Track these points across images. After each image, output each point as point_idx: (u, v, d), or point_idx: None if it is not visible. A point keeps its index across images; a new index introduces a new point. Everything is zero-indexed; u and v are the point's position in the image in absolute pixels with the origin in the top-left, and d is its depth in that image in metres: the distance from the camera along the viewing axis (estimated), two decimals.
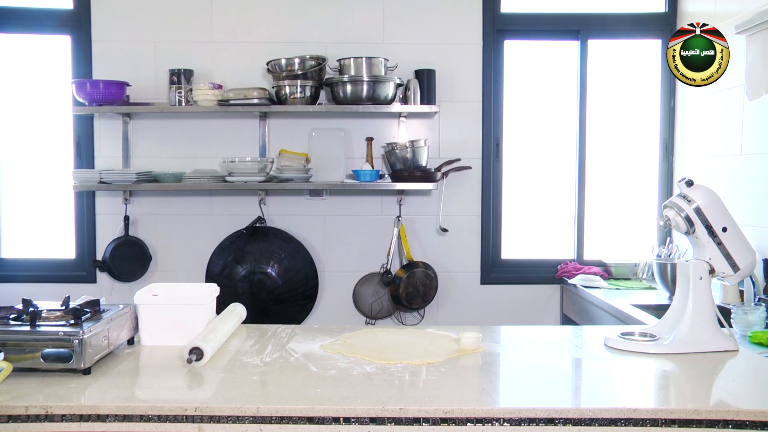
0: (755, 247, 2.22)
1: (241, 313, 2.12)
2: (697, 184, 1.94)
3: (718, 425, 1.41)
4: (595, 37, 3.70)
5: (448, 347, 1.87)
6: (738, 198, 2.89)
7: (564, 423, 1.40)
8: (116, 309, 1.81)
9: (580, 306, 3.41)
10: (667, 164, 3.71)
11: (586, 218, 3.74)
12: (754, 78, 2.72)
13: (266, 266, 3.58)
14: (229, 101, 3.34)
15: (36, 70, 3.70)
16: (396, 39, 3.58)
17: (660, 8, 3.69)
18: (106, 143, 3.60)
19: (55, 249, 3.73)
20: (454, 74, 3.59)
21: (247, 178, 3.35)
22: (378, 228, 3.64)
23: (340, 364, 1.70)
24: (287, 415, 1.41)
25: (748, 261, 1.92)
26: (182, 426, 1.41)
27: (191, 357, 1.66)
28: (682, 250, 3.27)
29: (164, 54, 3.57)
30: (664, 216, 1.97)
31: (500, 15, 3.65)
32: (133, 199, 3.61)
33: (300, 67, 3.37)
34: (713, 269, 1.92)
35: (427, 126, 3.62)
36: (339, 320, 3.64)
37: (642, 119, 3.76)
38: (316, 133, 3.59)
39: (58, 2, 3.63)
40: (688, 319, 1.88)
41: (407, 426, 1.40)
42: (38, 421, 1.41)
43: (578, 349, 1.93)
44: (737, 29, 2.76)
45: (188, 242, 3.63)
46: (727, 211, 1.92)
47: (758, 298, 2.56)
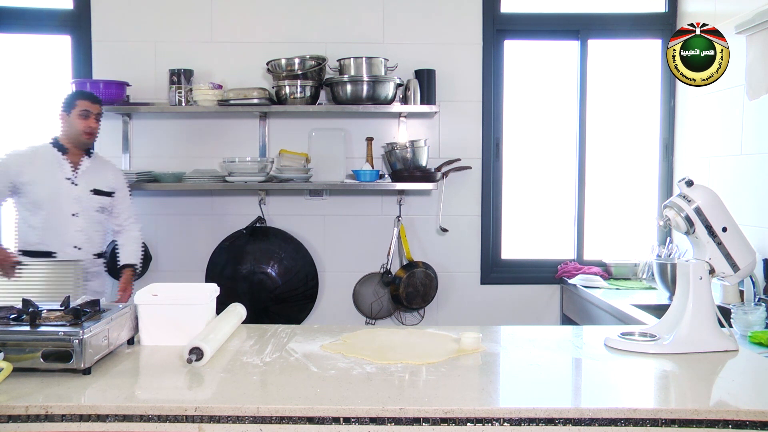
0: (755, 247, 2.22)
1: (241, 313, 2.12)
2: (697, 184, 1.94)
3: (718, 425, 1.40)
4: (595, 37, 3.70)
5: (448, 347, 1.87)
6: (738, 198, 2.89)
7: (564, 423, 1.40)
8: (116, 309, 1.81)
9: (580, 306, 3.41)
10: (667, 164, 3.71)
11: (586, 218, 3.74)
12: (754, 78, 2.72)
13: (266, 266, 3.58)
14: (229, 101, 3.34)
15: (36, 70, 3.70)
16: (396, 39, 3.58)
17: (660, 8, 3.69)
18: (106, 143, 3.59)
19: None
20: (454, 74, 3.59)
21: (247, 178, 3.35)
22: (378, 228, 3.64)
23: (340, 364, 1.70)
24: (287, 415, 1.41)
25: (748, 261, 1.92)
26: (182, 426, 1.41)
27: (191, 357, 1.66)
28: (682, 250, 3.27)
29: (164, 54, 3.57)
30: (664, 216, 1.97)
31: (500, 15, 3.65)
32: (133, 199, 3.59)
33: (300, 67, 3.37)
34: (713, 269, 1.91)
35: (427, 126, 3.62)
36: (339, 320, 3.64)
37: (642, 119, 3.76)
38: (316, 133, 3.59)
39: (58, 2, 3.63)
40: (688, 319, 1.88)
41: (407, 426, 1.40)
42: (38, 421, 1.41)
43: (578, 349, 1.93)
44: (737, 29, 2.76)
45: (188, 242, 3.63)
46: (727, 211, 1.92)
47: (758, 298, 2.56)
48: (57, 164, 2.89)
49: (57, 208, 2.85)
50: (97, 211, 2.96)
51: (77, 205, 2.89)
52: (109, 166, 3.09)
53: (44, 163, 2.87)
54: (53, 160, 2.89)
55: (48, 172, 2.87)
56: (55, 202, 2.85)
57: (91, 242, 2.95)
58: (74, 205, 2.88)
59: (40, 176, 2.85)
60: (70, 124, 2.89)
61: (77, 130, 2.87)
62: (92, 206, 2.93)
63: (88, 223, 2.91)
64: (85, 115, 2.86)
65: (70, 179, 2.89)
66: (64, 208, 2.86)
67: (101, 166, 3.03)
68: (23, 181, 2.83)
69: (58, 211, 2.85)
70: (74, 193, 2.89)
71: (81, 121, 2.86)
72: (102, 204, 2.97)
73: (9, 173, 2.83)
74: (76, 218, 2.88)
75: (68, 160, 2.91)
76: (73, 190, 2.89)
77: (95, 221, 2.96)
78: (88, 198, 2.92)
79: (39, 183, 2.84)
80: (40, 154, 2.90)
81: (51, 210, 2.84)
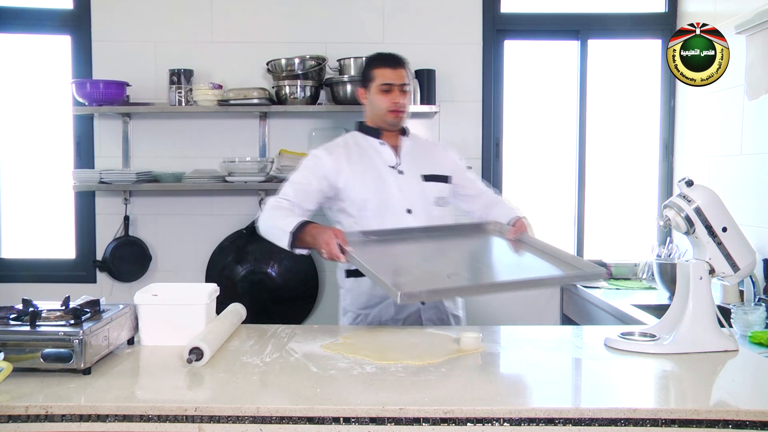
0: (755, 247, 2.22)
1: (241, 313, 2.12)
2: (697, 184, 1.94)
3: (718, 425, 1.40)
4: (595, 37, 3.70)
5: (448, 347, 1.87)
6: (738, 198, 2.89)
7: (564, 423, 1.40)
8: (116, 309, 1.81)
9: (580, 306, 3.41)
10: (667, 164, 3.71)
11: (586, 218, 3.74)
12: (754, 78, 2.72)
13: (266, 266, 3.58)
14: (229, 101, 3.34)
15: (36, 70, 3.71)
16: (396, 39, 3.58)
17: (660, 8, 3.69)
18: (106, 143, 3.60)
19: (55, 249, 3.73)
20: (454, 74, 3.59)
21: (247, 178, 3.36)
22: None
23: (340, 364, 1.70)
24: (287, 415, 1.41)
25: (748, 261, 1.92)
26: (182, 426, 1.41)
27: (191, 357, 1.66)
28: (682, 250, 3.27)
29: (164, 54, 3.57)
30: (664, 216, 1.97)
31: (500, 15, 3.65)
32: (133, 199, 3.61)
33: (300, 67, 3.37)
34: (713, 269, 1.91)
35: (427, 126, 3.62)
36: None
37: (642, 119, 3.76)
38: (316, 133, 3.59)
39: (58, 2, 3.63)
40: (688, 319, 1.87)
41: (407, 426, 1.40)
42: (38, 421, 1.41)
43: (578, 349, 1.93)
44: (737, 29, 2.76)
45: (188, 242, 3.63)
46: (727, 211, 1.92)
47: (758, 298, 2.56)
48: (373, 151, 2.36)
49: (385, 205, 2.30)
50: (435, 203, 2.37)
51: (409, 199, 2.32)
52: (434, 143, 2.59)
53: (360, 154, 2.35)
54: (368, 147, 2.37)
55: (367, 163, 2.34)
56: (383, 198, 2.31)
57: None
58: (405, 198, 2.32)
59: (360, 170, 2.32)
60: (371, 103, 2.37)
61: (380, 109, 2.33)
62: (428, 198, 2.35)
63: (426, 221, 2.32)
64: (386, 89, 2.31)
65: (394, 167, 2.35)
66: (394, 205, 2.31)
67: (425, 145, 2.51)
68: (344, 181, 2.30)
69: (386, 209, 2.30)
70: (403, 184, 2.33)
71: (382, 97, 2.32)
72: (440, 192, 2.38)
73: (328, 177, 2.30)
74: (409, 216, 2.31)
75: (386, 144, 2.37)
76: (401, 181, 2.33)
77: (435, 219, 2.35)
78: (420, 187, 2.34)
79: (360, 178, 2.30)
80: (350, 144, 2.39)
81: (377, 209, 2.29)
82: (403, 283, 1.85)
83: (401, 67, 2.35)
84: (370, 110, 2.38)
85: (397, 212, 2.30)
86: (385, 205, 2.30)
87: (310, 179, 2.29)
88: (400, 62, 2.37)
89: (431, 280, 1.93)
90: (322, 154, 2.34)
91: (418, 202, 2.32)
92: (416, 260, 2.11)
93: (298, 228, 2.10)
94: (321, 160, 2.32)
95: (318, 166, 2.31)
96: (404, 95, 2.33)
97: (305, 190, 2.28)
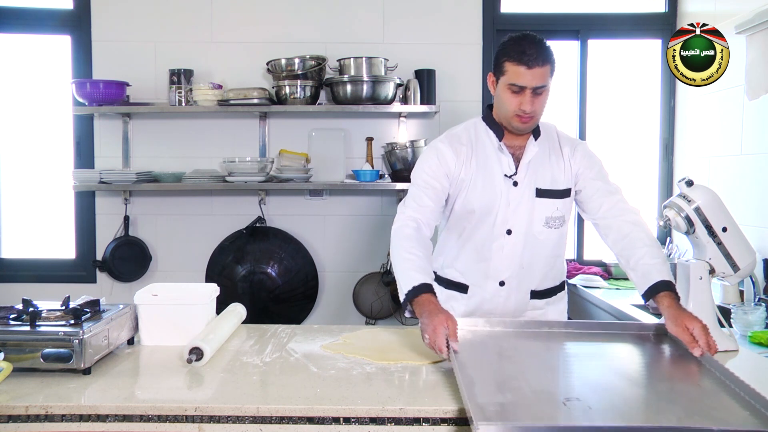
0: (755, 247, 2.22)
1: (241, 313, 2.12)
2: (697, 184, 1.94)
3: None
4: (595, 37, 3.70)
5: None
6: (738, 198, 2.89)
7: None
8: (116, 309, 1.81)
9: (580, 306, 3.41)
10: (667, 164, 3.71)
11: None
12: (754, 78, 2.72)
13: (266, 266, 3.58)
14: (229, 101, 3.34)
15: (36, 70, 3.71)
16: (396, 39, 3.58)
17: (660, 8, 3.69)
18: (106, 143, 3.60)
19: (55, 249, 3.74)
20: (454, 74, 3.59)
21: (247, 178, 3.36)
22: (378, 228, 3.64)
23: (340, 364, 1.70)
24: (287, 415, 1.41)
25: (748, 261, 1.92)
26: (182, 426, 1.41)
27: (191, 357, 1.66)
28: (682, 250, 3.27)
29: (164, 54, 3.57)
30: (664, 216, 1.97)
31: (500, 15, 3.65)
32: (133, 199, 3.61)
33: (300, 67, 3.37)
34: (713, 269, 1.91)
35: (427, 126, 3.62)
36: (339, 320, 3.64)
37: (642, 119, 3.76)
38: (316, 133, 3.59)
39: (58, 2, 3.63)
40: None
41: (407, 426, 1.40)
42: (38, 421, 1.41)
43: None
44: (737, 29, 2.76)
45: (188, 242, 3.63)
46: (727, 211, 1.92)
47: (758, 298, 2.56)
48: (493, 151, 1.97)
49: (485, 222, 1.96)
50: (545, 223, 1.97)
51: (515, 217, 1.95)
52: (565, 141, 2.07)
53: (479, 153, 1.97)
54: (488, 143, 1.98)
55: (483, 166, 1.96)
56: (487, 212, 1.96)
57: (530, 276, 2.00)
58: (511, 216, 1.95)
59: (477, 176, 1.96)
60: (498, 97, 1.94)
61: (506, 110, 1.91)
62: (535, 217, 1.96)
63: (527, 246, 1.97)
64: (516, 91, 1.86)
65: (510, 176, 1.94)
66: (497, 223, 1.96)
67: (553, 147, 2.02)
68: (458, 186, 1.97)
69: (485, 226, 1.96)
70: (513, 198, 1.94)
71: (510, 97, 1.88)
72: (552, 212, 1.97)
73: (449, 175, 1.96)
74: (508, 237, 1.96)
75: (506, 147, 1.96)
76: (512, 194, 1.94)
77: (539, 243, 1.97)
78: (531, 204, 1.95)
79: (473, 187, 1.96)
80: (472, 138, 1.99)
81: (476, 224, 1.97)
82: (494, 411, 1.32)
83: (539, 65, 1.84)
84: (497, 104, 1.96)
85: (497, 233, 1.96)
86: (486, 221, 1.97)
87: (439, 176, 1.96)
88: (539, 60, 1.85)
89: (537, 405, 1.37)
90: (445, 150, 1.97)
91: (523, 222, 1.95)
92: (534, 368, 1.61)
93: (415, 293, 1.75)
94: (444, 157, 1.96)
95: (441, 164, 1.96)
96: (537, 99, 1.88)
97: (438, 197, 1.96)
